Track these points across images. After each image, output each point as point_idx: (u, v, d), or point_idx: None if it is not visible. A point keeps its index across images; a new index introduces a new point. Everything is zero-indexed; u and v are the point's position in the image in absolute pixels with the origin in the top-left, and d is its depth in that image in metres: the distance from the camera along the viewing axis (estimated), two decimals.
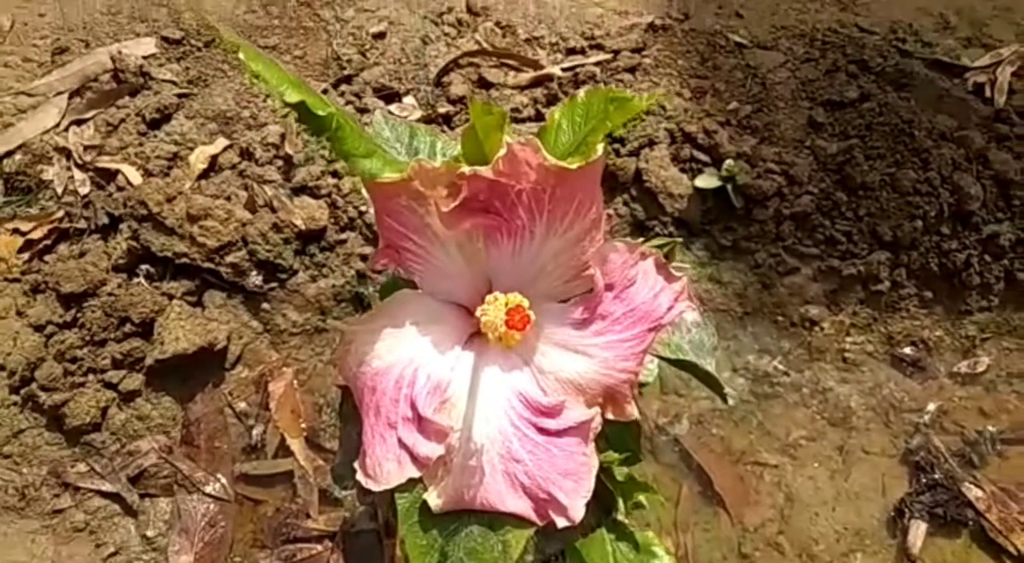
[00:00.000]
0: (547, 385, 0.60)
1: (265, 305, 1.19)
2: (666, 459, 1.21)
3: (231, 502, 1.11)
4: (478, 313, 0.55)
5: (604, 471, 0.82)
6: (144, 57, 1.37)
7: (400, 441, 0.58)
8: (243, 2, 1.45)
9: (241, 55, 0.49)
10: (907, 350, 1.29)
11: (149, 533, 1.07)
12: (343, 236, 1.21)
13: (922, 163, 1.27)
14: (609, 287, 0.60)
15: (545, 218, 0.58)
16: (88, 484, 1.08)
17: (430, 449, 0.58)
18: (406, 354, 0.60)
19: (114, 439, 1.10)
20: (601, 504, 0.78)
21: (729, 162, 1.26)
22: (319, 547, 1.09)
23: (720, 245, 1.29)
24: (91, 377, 1.11)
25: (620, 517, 0.90)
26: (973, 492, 1.20)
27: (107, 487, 1.08)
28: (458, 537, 0.59)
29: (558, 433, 0.59)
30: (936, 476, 1.21)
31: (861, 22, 1.53)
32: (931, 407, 1.26)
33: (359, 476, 0.59)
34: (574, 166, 0.51)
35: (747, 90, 1.38)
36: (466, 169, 0.52)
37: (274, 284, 1.18)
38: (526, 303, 0.54)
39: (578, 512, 0.58)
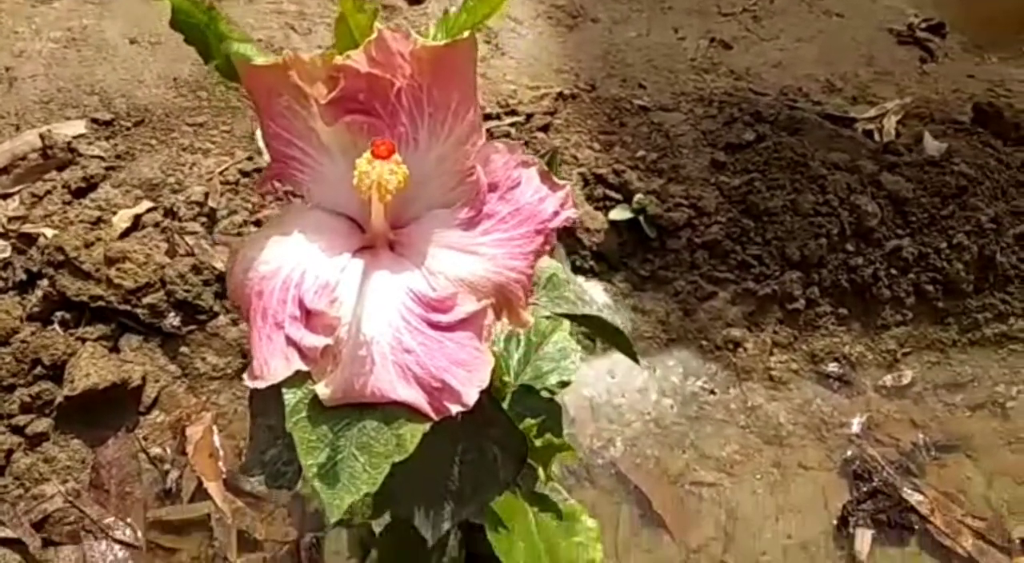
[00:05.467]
0: (437, 284, 0.61)
1: (184, 348, 1.17)
2: (603, 483, 1.18)
3: (142, 550, 1.04)
4: (355, 181, 0.56)
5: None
6: (73, 136, 1.42)
7: (288, 338, 0.57)
8: (174, 88, 1.53)
9: None
10: (831, 367, 1.31)
11: None
12: None
13: (820, 188, 1.35)
14: (493, 187, 0.62)
15: (427, 123, 0.60)
16: None
17: (317, 340, 0.57)
18: (294, 258, 0.60)
19: (17, 484, 1.05)
20: (514, 455, 0.76)
21: (639, 196, 1.32)
22: None
23: (640, 276, 1.33)
24: None
25: (542, 489, 0.87)
26: (915, 497, 1.19)
27: (7, 533, 1.01)
28: (350, 432, 0.58)
29: (450, 327, 0.59)
30: (875, 483, 1.20)
31: (754, 87, 1.66)
32: (862, 420, 1.27)
33: (247, 381, 0.58)
34: (442, 43, 0.55)
35: (652, 141, 1.48)
36: (340, 59, 0.56)
37: (193, 326, 1.17)
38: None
39: (470, 397, 0.57)
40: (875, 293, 1.32)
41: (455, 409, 0.57)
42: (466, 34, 0.57)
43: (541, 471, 0.84)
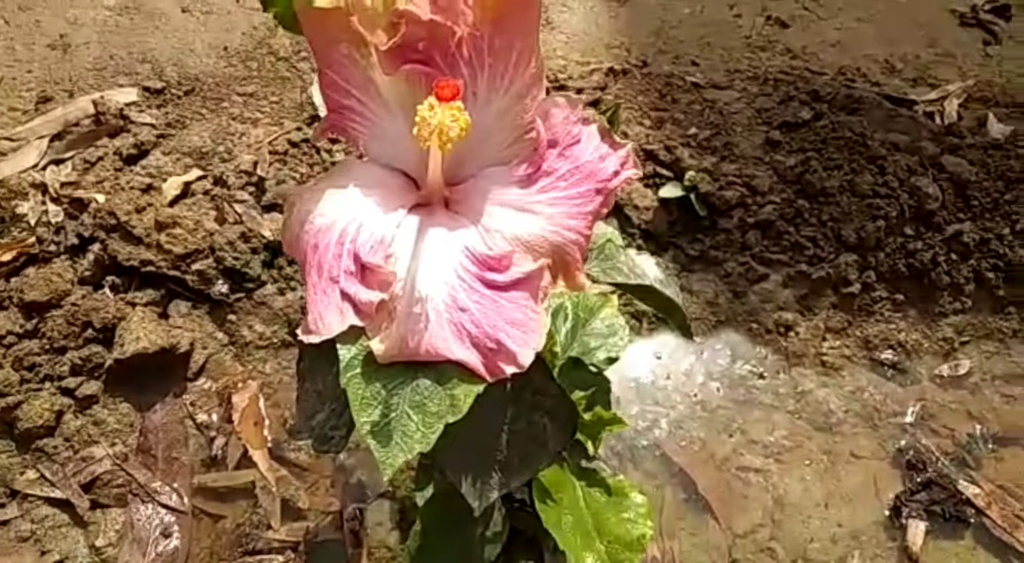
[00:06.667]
0: (494, 243, 0.59)
1: (231, 317, 1.17)
2: (647, 465, 1.16)
3: (188, 515, 1.05)
4: (415, 129, 0.54)
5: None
6: (125, 104, 1.43)
7: (343, 292, 0.56)
8: (224, 58, 1.53)
9: None
10: (886, 354, 1.27)
11: (99, 543, 1.00)
12: None
13: (879, 169, 1.30)
14: (552, 143, 0.60)
15: (486, 74, 0.59)
16: (37, 491, 1.02)
17: (372, 296, 0.56)
18: (349, 213, 0.59)
19: (67, 445, 1.06)
20: (564, 425, 0.74)
21: (691, 173, 1.29)
22: (280, 559, 1.03)
23: (688, 256, 1.30)
24: (48, 384, 1.08)
25: (589, 464, 0.85)
26: (971, 490, 1.15)
27: (57, 494, 1.02)
28: (404, 391, 0.56)
29: (505, 287, 0.58)
30: (929, 474, 1.16)
31: (811, 66, 1.62)
32: (916, 409, 1.23)
33: (300, 335, 0.57)
34: None
35: (705, 118, 1.44)
36: (402, 4, 0.54)
37: (240, 294, 1.17)
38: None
39: (526, 359, 0.56)
40: (934, 279, 1.28)
41: (510, 370, 0.56)
42: None
43: (590, 445, 0.82)
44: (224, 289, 1.16)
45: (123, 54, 1.52)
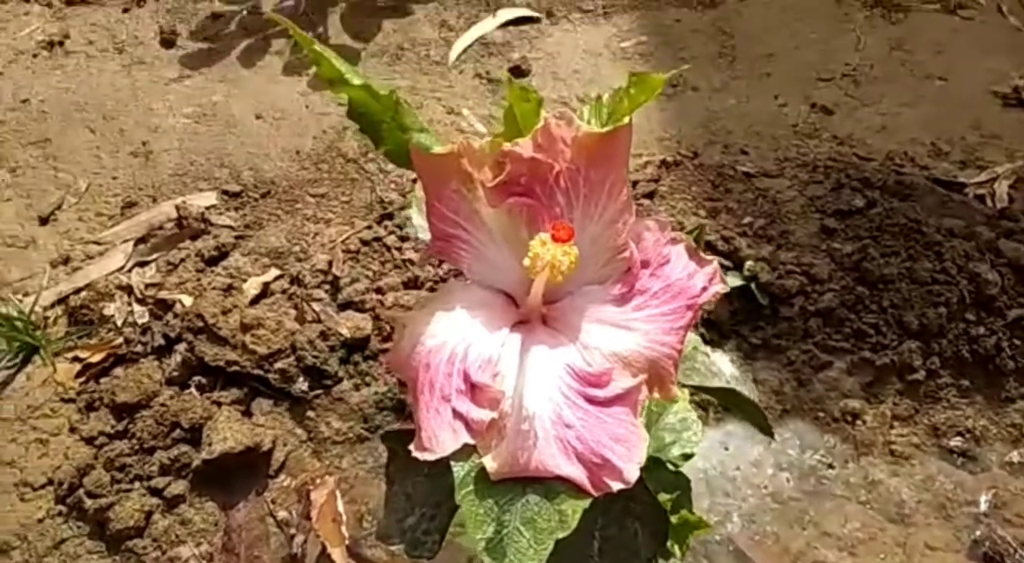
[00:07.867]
0: (592, 359, 0.63)
1: (310, 413, 1.22)
2: (721, 561, 1.16)
3: None
4: (526, 261, 0.59)
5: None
6: (206, 207, 1.51)
7: (454, 411, 0.60)
8: (296, 161, 1.62)
9: (316, 47, 0.58)
10: (955, 441, 1.26)
11: None
12: (386, 346, 1.26)
13: (936, 256, 1.32)
14: (645, 264, 0.64)
15: (581, 204, 0.63)
16: None
17: (483, 414, 0.59)
18: (458, 333, 0.63)
19: (155, 546, 1.09)
20: (656, 532, 0.76)
21: (750, 263, 1.33)
22: None
23: (751, 344, 1.32)
24: (138, 484, 1.12)
25: None
26: None
27: None
28: (515, 507, 0.59)
29: (606, 402, 0.61)
30: None
31: (859, 152, 1.65)
32: (989, 497, 1.21)
33: (414, 452, 0.60)
34: (604, 130, 0.58)
35: (759, 207, 1.48)
36: (507, 145, 0.59)
37: (319, 391, 1.22)
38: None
39: (632, 475, 0.58)
40: (998, 364, 1.28)
41: (616, 486, 0.59)
42: (626, 120, 0.60)
43: (676, 549, 0.83)
44: (304, 387, 1.20)
45: (202, 160, 1.61)
